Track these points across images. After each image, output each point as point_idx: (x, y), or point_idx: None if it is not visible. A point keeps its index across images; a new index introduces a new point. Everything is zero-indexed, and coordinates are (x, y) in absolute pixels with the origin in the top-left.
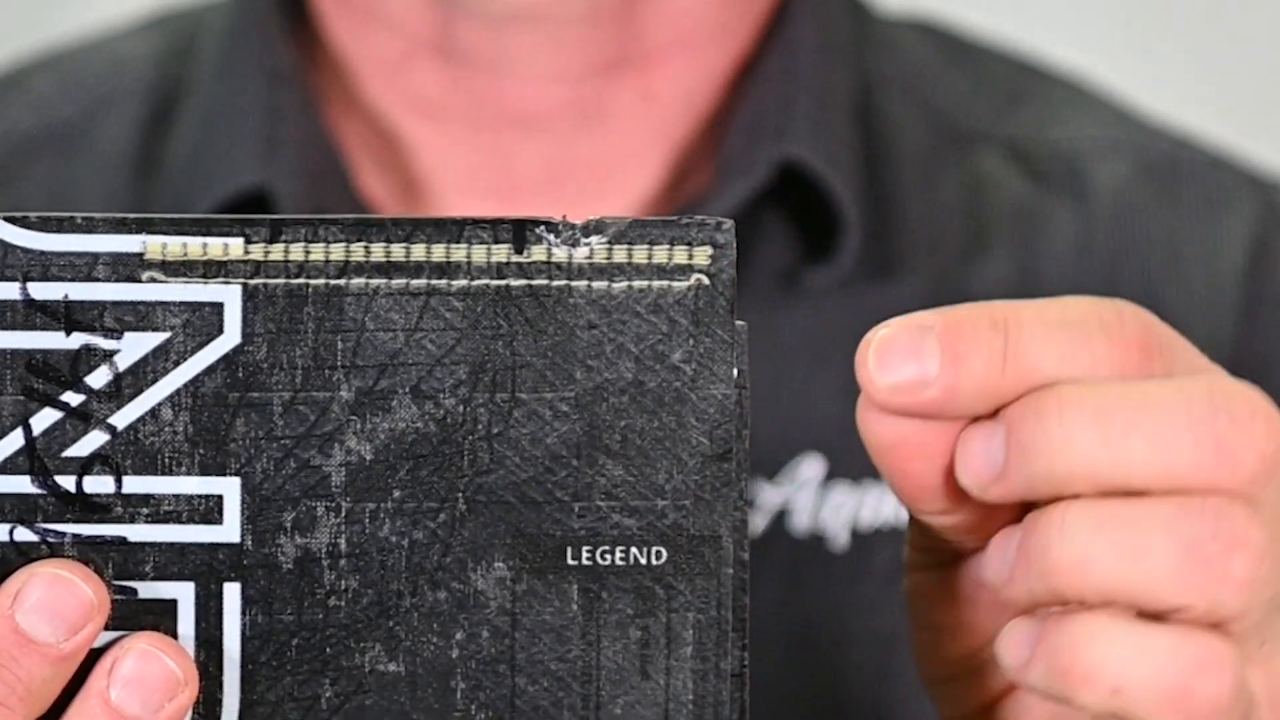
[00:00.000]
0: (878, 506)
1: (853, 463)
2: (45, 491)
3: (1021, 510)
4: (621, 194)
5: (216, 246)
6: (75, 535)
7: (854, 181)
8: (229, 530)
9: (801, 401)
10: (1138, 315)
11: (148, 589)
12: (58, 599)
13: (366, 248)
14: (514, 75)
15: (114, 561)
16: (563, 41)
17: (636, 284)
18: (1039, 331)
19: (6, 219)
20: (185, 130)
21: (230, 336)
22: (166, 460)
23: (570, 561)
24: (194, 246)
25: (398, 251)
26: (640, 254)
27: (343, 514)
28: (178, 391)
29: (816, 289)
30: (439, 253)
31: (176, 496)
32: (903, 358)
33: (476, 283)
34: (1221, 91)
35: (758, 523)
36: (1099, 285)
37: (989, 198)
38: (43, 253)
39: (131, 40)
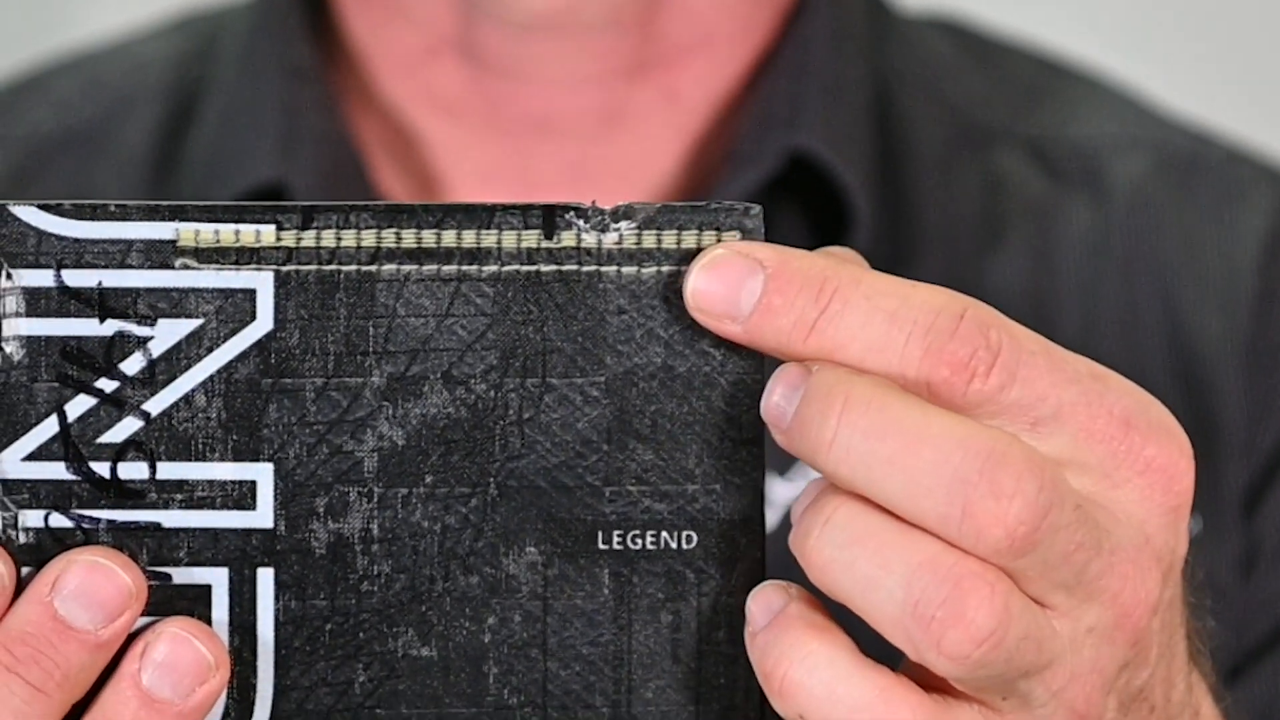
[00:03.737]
0: None
1: None
2: (80, 478)
3: None
4: (639, 190)
5: (249, 233)
6: (110, 521)
7: (865, 173)
8: (262, 516)
9: None
10: (978, 329)
11: (182, 574)
12: (96, 586)
13: (397, 234)
14: (535, 81)
15: (148, 547)
16: (584, 47)
17: (666, 269)
18: (859, 314)
19: (40, 206)
20: (205, 129)
21: (263, 323)
22: (200, 446)
23: (601, 546)
24: (226, 233)
25: (429, 237)
26: (669, 239)
27: (375, 499)
28: (211, 378)
29: None
30: (469, 238)
31: (210, 482)
32: (724, 286)
33: (507, 268)
34: (1240, 86)
35: (770, 518)
36: (1115, 280)
37: (1006, 194)
38: (77, 240)
39: (152, 42)
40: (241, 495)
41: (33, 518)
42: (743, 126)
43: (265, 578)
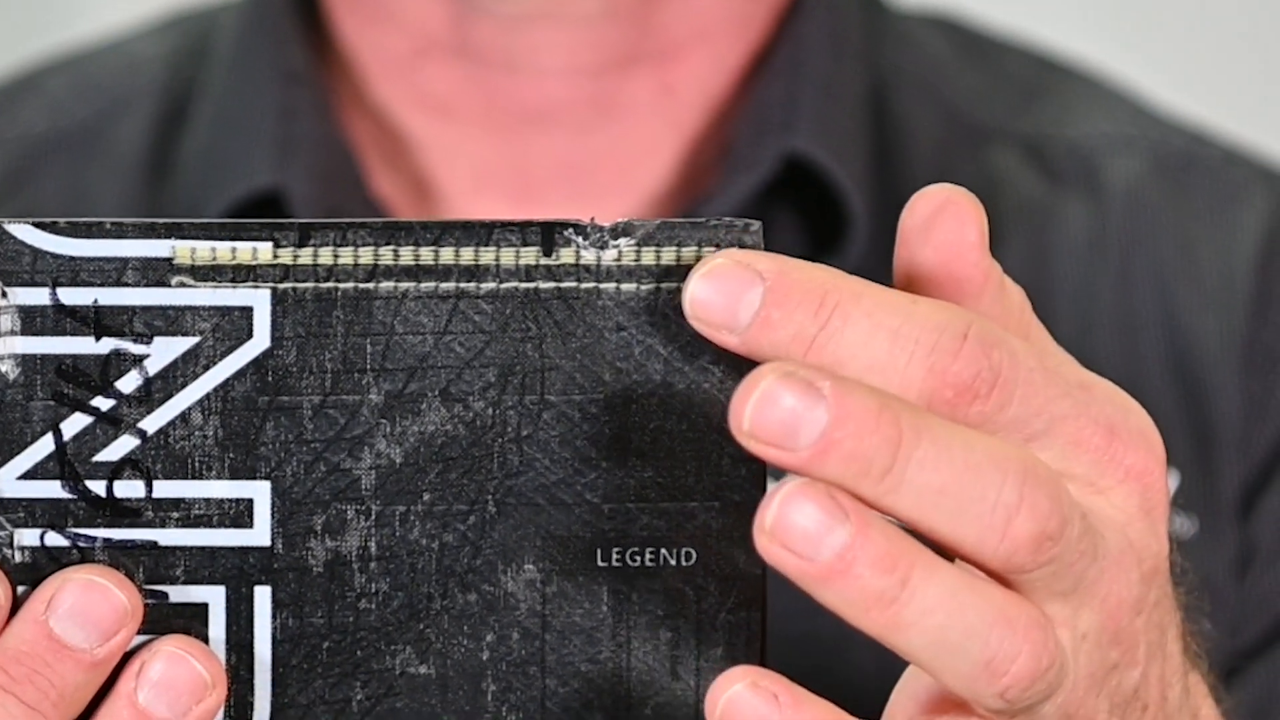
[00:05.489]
0: None
1: None
2: (76, 496)
3: None
4: (635, 190)
5: (246, 251)
6: (106, 540)
7: (861, 175)
8: (259, 534)
9: None
10: (981, 349)
11: (179, 593)
12: (91, 605)
13: (395, 251)
14: (529, 71)
15: (145, 566)
16: (579, 38)
17: (665, 286)
18: (860, 331)
19: (35, 224)
20: (199, 131)
21: (260, 340)
22: (197, 464)
23: (600, 563)
24: (223, 251)
25: (426, 255)
26: (669, 256)
27: (373, 517)
28: (208, 396)
29: None
30: (467, 256)
31: (207, 500)
32: (722, 297)
33: (505, 285)
34: (1236, 86)
35: None
36: (1112, 280)
37: (1002, 194)
38: (72, 258)
39: (145, 41)
40: (238, 513)
41: (28, 536)
42: (738, 128)
43: (262, 596)
